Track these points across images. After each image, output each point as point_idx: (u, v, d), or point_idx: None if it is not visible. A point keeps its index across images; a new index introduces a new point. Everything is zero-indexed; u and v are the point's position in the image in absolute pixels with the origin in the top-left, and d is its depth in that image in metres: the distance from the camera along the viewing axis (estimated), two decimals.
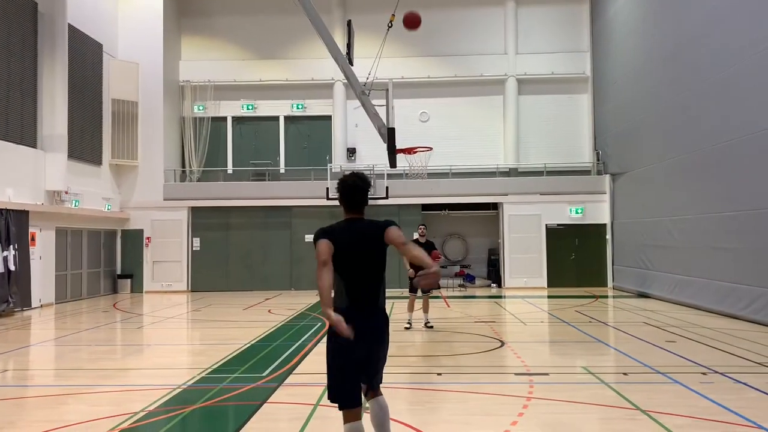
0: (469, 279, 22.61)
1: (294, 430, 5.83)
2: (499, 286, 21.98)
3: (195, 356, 10.10)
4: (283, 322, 13.58)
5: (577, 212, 21.77)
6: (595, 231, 21.73)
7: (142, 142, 22.17)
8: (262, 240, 22.45)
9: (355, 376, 4.11)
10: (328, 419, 6.14)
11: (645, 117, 18.50)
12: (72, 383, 8.08)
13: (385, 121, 11.10)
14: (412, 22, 9.99)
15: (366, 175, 4.38)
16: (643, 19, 18.82)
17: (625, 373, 8.17)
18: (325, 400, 6.88)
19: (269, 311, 15.99)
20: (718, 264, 14.07)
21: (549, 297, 19.07)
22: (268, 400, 6.92)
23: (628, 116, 19.96)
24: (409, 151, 13.42)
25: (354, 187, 4.23)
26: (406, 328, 11.92)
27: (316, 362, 9.07)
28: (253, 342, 10.95)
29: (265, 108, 24.22)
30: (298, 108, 24.09)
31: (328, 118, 24.04)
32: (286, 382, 7.81)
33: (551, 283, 21.61)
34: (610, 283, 21.49)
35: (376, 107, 11.35)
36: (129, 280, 21.87)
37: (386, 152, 11.80)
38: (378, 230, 4.17)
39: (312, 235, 4.37)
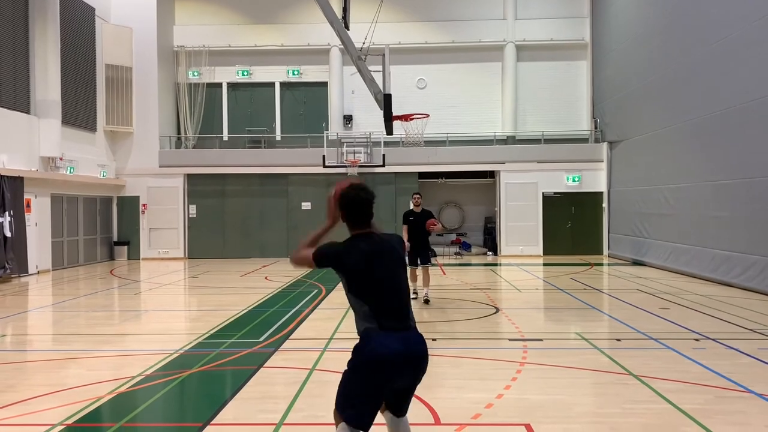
0: (465, 247, 22.69)
1: (290, 394, 5.89)
2: (495, 253, 22.07)
3: (192, 322, 10.16)
4: (279, 289, 13.65)
5: (574, 180, 21.75)
6: (592, 199, 21.75)
7: (136, 108, 21.97)
8: (258, 207, 22.43)
9: (378, 404, 3.54)
10: (323, 383, 6.22)
11: (643, 85, 18.36)
12: (70, 348, 8.15)
13: (381, 88, 10.97)
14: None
15: (367, 185, 3.85)
16: None
17: (618, 339, 8.25)
18: (321, 365, 7.02)
19: (266, 278, 16.06)
20: (712, 232, 14.12)
21: (544, 265, 19.18)
22: (264, 365, 6.99)
23: (626, 84, 19.81)
24: (405, 118, 13.29)
25: (362, 201, 3.71)
26: (413, 298, 11.35)
27: (312, 328, 9.16)
28: (249, 308, 11.03)
29: (261, 74, 23.97)
30: (293, 74, 23.84)
31: (325, 84, 23.82)
32: (282, 347, 7.88)
33: (547, 250, 21.69)
34: (605, 251, 21.58)
35: (372, 73, 11.22)
36: (125, 246, 21.89)
37: (383, 119, 11.68)
38: (401, 246, 3.80)
39: (308, 203, 4.06)
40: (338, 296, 12.17)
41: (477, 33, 23.20)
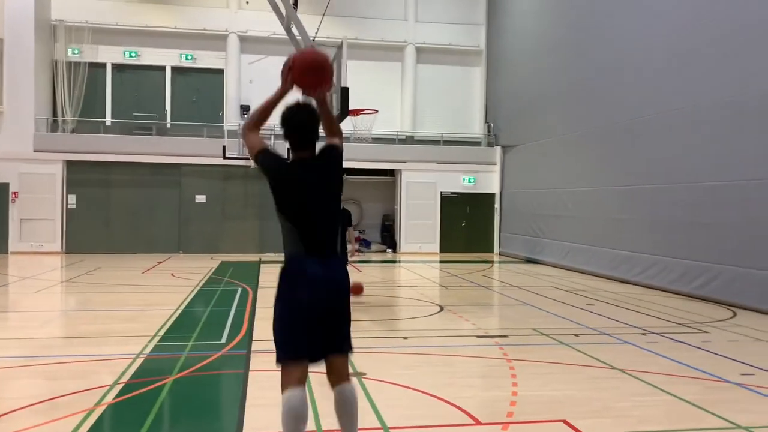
0: (365, 244, 22.78)
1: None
2: (394, 251, 22.36)
3: (127, 323, 9.23)
4: (199, 287, 12.86)
5: (469, 181, 22.59)
6: (486, 200, 22.71)
7: (7, 84, 19.74)
8: (147, 199, 21.01)
9: (306, 328, 3.61)
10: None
11: (538, 93, 19.42)
12: (9, 355, 7.15)
13: (335, 80, 10.65)
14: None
15: (311, 104, 3.68)
16: None
17: (576, 335, 8.65)
18: (316, 368, 6.69)
19: (172, 275, 15.09)
20: (613, 233, 15.26)
21: (445, 261, 19.69)
22: (251, 369, 6.56)
23: (521, 91, 20.87)
24: (354, 113, 13.09)
25: (299, 123, 3.61)
26: None
27: (268, 328, 8.72)
28: (181, 307, 10.32)
29: (150, 56, 22.43)
30: (187, 59, 22.59)
31: (221, 71, 22.80)
32: (254, 349, 7.44)
33: (443, 248, 22.34)
34: (496, 249, 22.63)
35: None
36: None
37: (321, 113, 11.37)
38: (332, 155, 3.70)
39: (203, 196, 3.85)
40: (270, 294, 11.70)
41: (380, 32, 23.31)
